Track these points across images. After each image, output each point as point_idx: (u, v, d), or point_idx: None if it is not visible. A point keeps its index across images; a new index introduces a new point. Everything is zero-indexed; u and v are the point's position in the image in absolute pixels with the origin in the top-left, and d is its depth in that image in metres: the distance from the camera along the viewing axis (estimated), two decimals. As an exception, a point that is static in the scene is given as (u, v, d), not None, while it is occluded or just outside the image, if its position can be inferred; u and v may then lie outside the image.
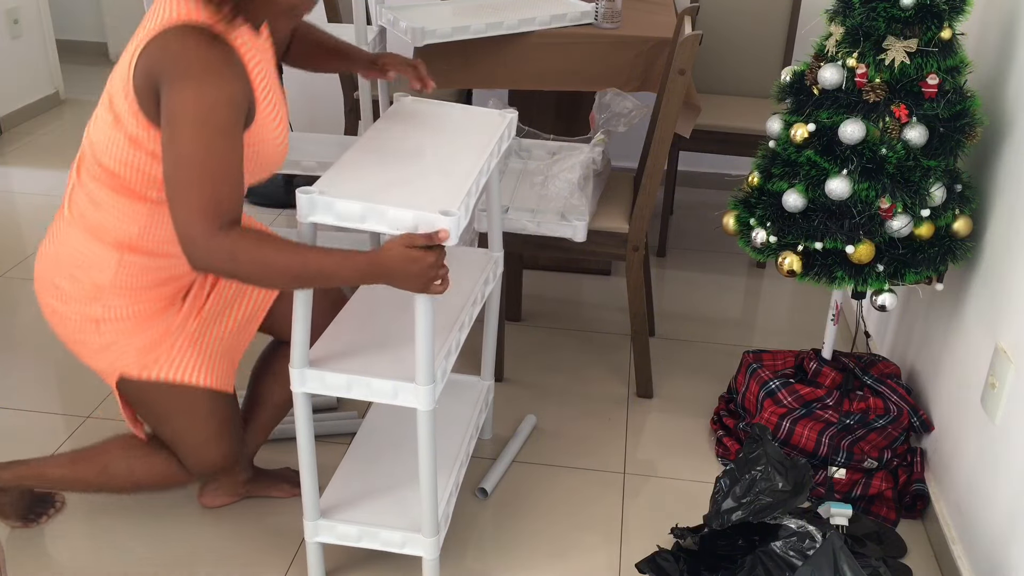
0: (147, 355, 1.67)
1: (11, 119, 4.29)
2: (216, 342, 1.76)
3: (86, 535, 2.00)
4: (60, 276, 1.64)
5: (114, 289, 1.62)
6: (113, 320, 1.64)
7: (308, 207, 1.52)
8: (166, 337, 1.69)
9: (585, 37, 2.59)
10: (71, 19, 5.32)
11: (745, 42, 3.30)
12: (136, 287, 1.63)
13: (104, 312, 1.63)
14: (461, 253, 2.09)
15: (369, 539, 1.81)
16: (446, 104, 1.98)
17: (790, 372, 2.25)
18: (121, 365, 1.68)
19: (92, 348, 1.67)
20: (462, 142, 1.80)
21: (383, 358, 1.70)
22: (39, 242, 1.71)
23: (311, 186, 1.53)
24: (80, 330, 1.66)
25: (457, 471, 1.96)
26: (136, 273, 1.63)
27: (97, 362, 1.70)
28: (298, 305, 1.61)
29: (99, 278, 1.61)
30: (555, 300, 3.01)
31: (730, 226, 2.09)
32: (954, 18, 1.84)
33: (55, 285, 1.65)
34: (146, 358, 1.68)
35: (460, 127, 1.87)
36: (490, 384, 2.25)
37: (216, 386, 1.74)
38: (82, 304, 1.63)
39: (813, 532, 1.64)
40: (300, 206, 1.52)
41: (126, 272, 1.61)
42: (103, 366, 1.70)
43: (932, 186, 1.87)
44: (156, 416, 1.75)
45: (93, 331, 1.65)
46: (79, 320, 1.64)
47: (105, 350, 1.67)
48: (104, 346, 1.66)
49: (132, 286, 1.63)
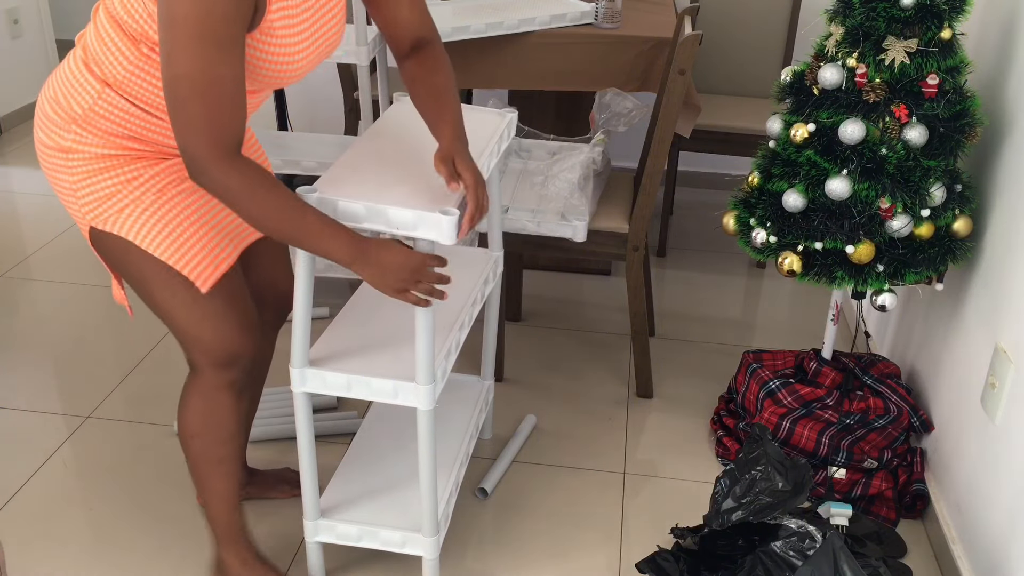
0: (109, 203, 1.56)
1: (11, 119, 4.29)
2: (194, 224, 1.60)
3: (86, 536, 2.00)
4: (47, 100, 1.58)
5: (87, 121, 1.54)
6: (81, 153, 1.55)
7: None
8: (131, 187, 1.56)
9: (585, 37, 2.59)
10: (71, 19, 5.32)
11: (745, 42, 3.30)
12: (107, 130, 1.55)
13: (74, 142, 1.55)
14: (461, 253, 2.09)
15: (369, 539, 1.82)
16: None
17: (790, 372, 2.25)
18: (87, 212, 1.58)
19: (64, 187, 1.59)
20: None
21: (383, 357, 1.70)
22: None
23: (310, 186, 1.54)
24: (54, 162, 1.58)
25: (457, 471, 1.96)
26: (112, 113, 1.54)
27: (70, 206, 1.60)
28: (298, 305, 1.61)
29: (76, 106, 1.54)
30: (555, 300, 3.01)
31: (730, 226, 2.09)
32: (954, 18, 1.84)
33: (42, 110, 1.59)
34: (109, 208, 1.56)
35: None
36: (490, 384, 2.25)
37: (184, 270, 1.58)
38: (58, 129, 1.56)
39: (813, 532, 1.64)
40: None
41: (103, 107, 1.53)
42: (75, 211, 1.60)
43: (932, 186, 1.87)
44: (140, 282, 1.61)
45: (63, 163, 1.56)
46: (54, 149, 1.57)
47: (74, 192, 1.58)
48: (73, 187, 1.57)
49: (104, 127, 1.54)
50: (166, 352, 2.64)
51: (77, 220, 1.62)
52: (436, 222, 1.50)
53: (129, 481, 2.16)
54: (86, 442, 2.28)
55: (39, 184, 3.72)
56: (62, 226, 3.37)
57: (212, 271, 1.60)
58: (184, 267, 1.58)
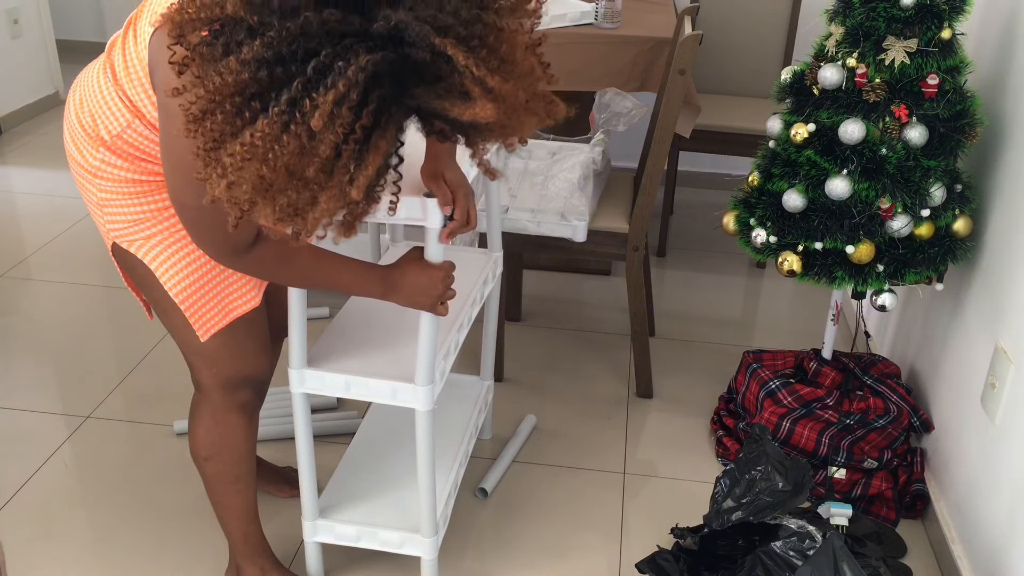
0: (137, 228, 1.55)
1: (11, 119, 4.29)
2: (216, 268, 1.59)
3: (86, 536, 2.00)
4: (75, 112, 1.55)
5: (116, 147, 1.52)
6: (109, 176, 1.53)
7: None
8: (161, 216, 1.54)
9: (585, 37, 2.59)
10: (71, 19, 5.32)
11: (745, 42, 3.30)
12: (137, 156, 1.52)
13: (102, 162, 1.53)
14: (460, 253, 2.09)
15: (368, 539, 1.81)
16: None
17: (790, 372, 2.25)
18: (112, 229, 1.57)
19: (92, 201, 1.57)
20: None
21: (382, 358, 1.70)
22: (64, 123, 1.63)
23: None
24: (81, 175, 1.56)
25: (456, 471, 1.96)
26: (141, 143, 1.51)
27: (96, 216, 1.59)
28: (293, 307, 1.61)
29: (104, 131, 1.51)
30: (555, 300, 3.01)
31: (730, 226, 2.09)
32: (954, 18, 1.84)
33: (71, 120, 1.56)
34: (135, 232, 1.55)
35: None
36: (489, 384, 2.25)
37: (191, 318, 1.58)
38: (87, 147, 1.54)
39: (813, 532, 1.64)
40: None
41: (132, 136, 1.51)
42: (100, 223, 1.59)
43: (932, 186, 1.87)
44: (155, 302, 1.62)
45: (91, 180, 1.55)
46: (81, 166, 1.55)
47: (100, 207, 1.56)
48: (99, 203, 1.56)
49: (134, 153, 1.52)
50: (166, 352, 2.64)
51: (99, 228, 1.60)
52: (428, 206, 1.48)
53: (129, 481, 2.16)
54: (86, 442, 2.28)
55: (39, 184, 3.72)
56: (62, 226, 3.37)
57: (220, 319, 1.60)
58: (192, 315, 1.57)
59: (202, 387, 1.68)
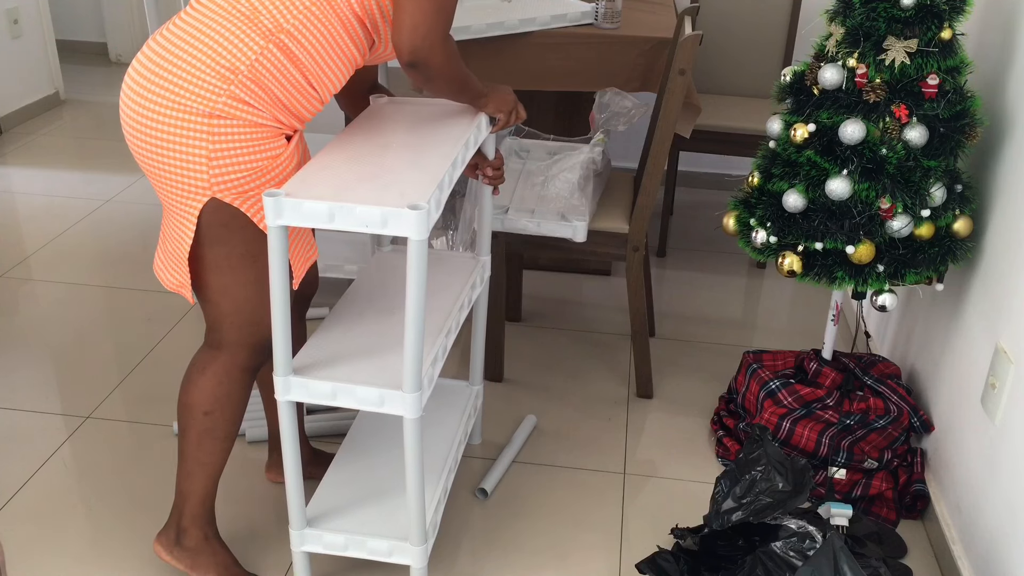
0: (258, 178, 1.57)
1: (11, 119, 4.29)
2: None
3: (86, 536, 2.00)
4: (181, 66, 1.53)
5: (254, 77, 1.52)
6: (233, 120, 1.52)
7: (275, 210, 1.47)
8: (276, 163, 1.58)
9: (585, 37, 2.59)
10: (71, 19, 5.32)
11: (745, 42, 3.30)
12: (266, 86, 1.53)
13: (226, 105, 1.51)
14: (447, 258, 2.08)
15: (356, 548, 1.78)
16: (423, 100, 1.94)
17: (790, 372, 2.25)
18: (221, 182, 1.55)
19: (191, 155, 1.53)
20: (436, 136, 1.76)
21: (369, 365, 1.67)
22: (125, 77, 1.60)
23: (279, 189, 1.49)
24: (184, 129, 1.52)
25: (445, 478, 1.93)
26: (272, 73, 1.53)
27: (186, 176, 1.55)
28: (276, 313, 1.57)
29: (236, 62, 1.51)
30: (555, 300, 3.01)
31: (730, 226, 2.09)
32: (954, 18, 1.84)
33: (165, 80, 1.53)
34: (258, 184, 1.57)
35: (436, 122, 1.83)
36: (479, 389, 2.24)
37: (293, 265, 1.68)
38: (206, 91, 1.51)
39: (813, 532, 1.64)
40: (267, 210, 1.47)
41: (265, 64, 1.52)
42: (191, 181, 1.55)
43: (932, 186, 1.87)
44: (226, 257, 1.63)
45: (204, 128, 1.52)
46: (192, 114, 1.52)
47: (208, 160, 1.53)
48: (209, 155, 1.53)
49: (264, 83, 1.53)
50: (166, 352, 2.64)
51: (182, 193, 1.58)
52: (404, 217, 1.45)
53: (129, 481, 2.16)
54: (86, 442, 2.28)
55: (39, 184, 3.72)
56: (62, 226, 3.37)
57: (301, 266, 1.73)
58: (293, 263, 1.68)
59: (225, 344, 1.71)
